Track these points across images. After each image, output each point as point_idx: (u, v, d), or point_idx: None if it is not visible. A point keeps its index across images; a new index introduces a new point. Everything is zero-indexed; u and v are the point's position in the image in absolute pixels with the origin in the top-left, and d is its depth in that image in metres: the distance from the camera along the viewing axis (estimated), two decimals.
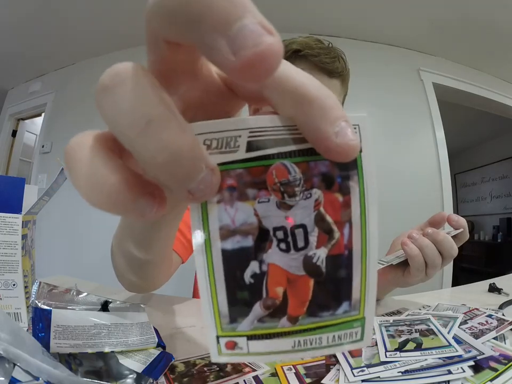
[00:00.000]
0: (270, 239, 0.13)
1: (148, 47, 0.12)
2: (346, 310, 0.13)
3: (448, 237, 0.41)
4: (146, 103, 0.10)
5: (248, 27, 0.09)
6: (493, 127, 3.55)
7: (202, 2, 0.09)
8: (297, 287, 0.13)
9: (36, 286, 0.26)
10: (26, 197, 0.33)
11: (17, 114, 2.81)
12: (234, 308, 0.13)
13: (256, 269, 0.13)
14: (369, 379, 0.24)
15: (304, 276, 0.13)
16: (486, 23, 1.89)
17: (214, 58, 0.10)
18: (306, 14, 1.95)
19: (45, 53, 2.37)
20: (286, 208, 0.13)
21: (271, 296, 0.13)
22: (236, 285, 0.13)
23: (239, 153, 0.12)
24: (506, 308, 0.44)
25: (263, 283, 0.13)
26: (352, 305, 0.13)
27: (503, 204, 3.99)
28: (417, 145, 2.09)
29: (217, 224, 0.12)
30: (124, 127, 0.10)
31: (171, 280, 0.49)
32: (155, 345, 0.29)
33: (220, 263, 0.13)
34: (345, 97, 0.63)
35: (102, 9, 1.93)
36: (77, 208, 2.17)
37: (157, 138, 0.10)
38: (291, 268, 0.13)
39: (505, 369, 0.24)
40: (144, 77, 0.11)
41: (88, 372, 0.23)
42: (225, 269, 0.13)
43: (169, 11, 0.10)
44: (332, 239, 0.13)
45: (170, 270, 0.50)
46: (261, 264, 0.13)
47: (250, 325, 0.13)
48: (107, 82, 0.11)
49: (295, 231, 0.13)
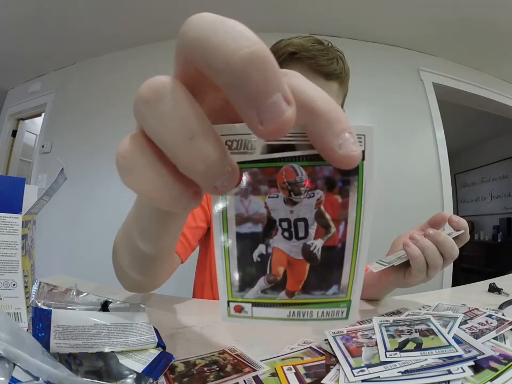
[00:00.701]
0: (276, 228, 0.15)
1: (177, 61, 0.13)
2: (335, 292, 0.16)
3: (449, 238, 0.41)
4: (188, 121, 0.12)
5: (276, 104, 0.11)
6: (493, 127, 3.55)
7: (238, 75, 0.10)
8: (295, 269, 0.16)
9: (35, 286, 0.26)
10: (26, 197, 0.33)
11: (17, 114, 2.80)
12: (243, 280, 0.16)
13: (263, 251, 0.16)
14: (369, 379, 0.24)
15: (302, 260, 0.16)
16: (486, 23, 1.89)
17: (243, 117, 0.12)
18: (306, 14, 1.95)
19: (45, 53, 2.36)
20: (291, 204, 0.15)
21: (274, 273, 0.16)
22: (245, 262, 0.16)
23: (255, 155, 0.14)
24: (506, 308, 0.44)
25: (268, 262, 0.16)
26: (341, 289, 0.16)
27: (503, 204, 3.99)
28: (417, 145, 2.09)
29: (233, 212, 0.15)
30: (168, 141, 0.12)
31: (171, 280, 0.49)
32: (155, 345, 0.29)
33: (234, 244, 0.16)
34: (345, 97, 0.62)
35: (102, 9, 1.93)
36: (77, 208, 2.17)
37: (198, 152, 0.12)
38: (292, 253, 0.16)
39: (505, 369, 0.24)
40: (183, 93, 0.12)
41: (88, 371, 0.23)
42: (238, 248, 0.16)
43: (210, 65, 0.11)
44: (328, 233, 0.15)
45: (172, 269, 0.50)
46: (267, 247, 0.16)
47: (255, 294, 0.16)
48: (148, 96, 0.12)
49: (297, 223, 0.15)
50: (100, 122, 2.25)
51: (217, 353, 0.30)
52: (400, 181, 1.98)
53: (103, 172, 2.13)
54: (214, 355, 0.30)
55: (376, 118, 2.06)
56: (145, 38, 2.21)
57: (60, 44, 2.26)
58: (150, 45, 2.25)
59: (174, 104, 0.12)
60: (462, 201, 4.72)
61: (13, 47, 2.26)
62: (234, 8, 1.92)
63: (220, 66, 0.11)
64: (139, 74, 2.26)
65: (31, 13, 1.93)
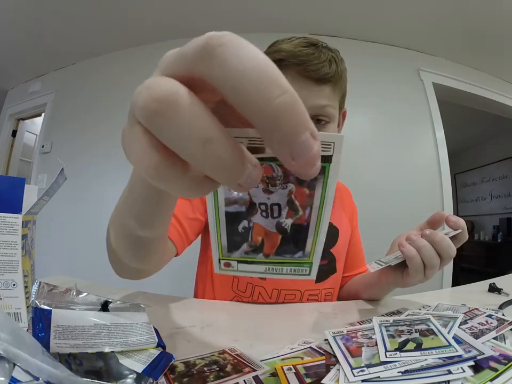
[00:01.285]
0: (256, 209, 0.20)
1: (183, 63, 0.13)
2: (300, 256, 0.22)
3: (445, 238, 0.41)
4: (202, 127, 0.12)
5: (306, 142, 0.12)
6: (493, 127, 3.55)
7: (272, 122, 0.12)
8: (270, 238, 0.22)
9: (35, 286, 0.26)
10: (26, 197, 0.33)
11: (17, 114, 2.81)
12: (231, 245, 0.22)
13: (246, 225, 0.21)
14: (369, 379, 0.24)
15: (276, 233, 0.21)
16: (486, 23, 1.89)
17: (275, 151, 0.13)
18: (306, 14, 1.95)
19: (45, 53, 2.37)
20: (268, 193, 0.20)
21: (254, 241, 0.22)
22: (232, 232, 0.21)
23: None
24: (506, 308, 0.44)
25: (249, 233, 0.21)
26: (305, 254, 0.22)
27: (503, 204, 3.99)
28: (417, 145, 2.09)
29: (223, 196, 0.20)
30: (183, 148, 0.12)
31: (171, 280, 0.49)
32: (155, 345, 0.29)
33: (224, 219, 0.21)
34: (343, 98, 0.61)
35: (102, 9, 1.93)
36: (77, 208, 2.17)
37: (215, 156, 0.12)
38: (268, 227, 0.21)
39: (505, 369, 0.24)
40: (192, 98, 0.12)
41: (88, 371, 0.23)
42: (227, 223, 0.21)
43: (243, 107, 0.12)
44: (297, 215, 0.20)
45: (166, 257, 0.49)
46: (249, 222, 0.21)
47: (240, 254, 0.22)
48: (155, 107, 0.12)
49: (273, 207, 0.20)
50: (100, 122, 2.25)
51: (217, 353, 0.30)
52: (400, 181, 1.98)
53: (103, 171, 2.13)
54: (214, 355, 0.30)
55: (376, 118, 2.06)
56: (146, 38, 2.21)
57: (59, 44, 2.26)
58: (150, 45, 2.25)
59: (185, 112, 0.12)
60: (462, 201, 4.72)
61: (13, 47, 2.26)
62: (234, 8, 1.92)
63: (253, 111, 0.12)
64: (139, 74, 2.27)
65: (31, 12, 1.93)
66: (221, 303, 0.54)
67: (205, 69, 0.12)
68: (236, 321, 0.45)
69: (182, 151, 0.12)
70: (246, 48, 0.12)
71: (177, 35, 2.03)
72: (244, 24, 2.05)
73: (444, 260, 0.41)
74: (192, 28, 1.93)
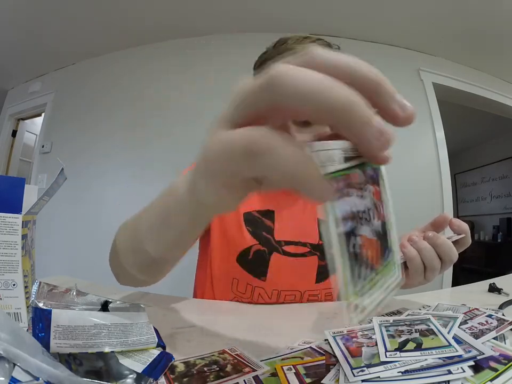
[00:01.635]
0: (357, 219, 0.17)
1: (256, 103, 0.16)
2: (387, 255, 0.20)
3: (447, 241, 0.41)
4: (300, 163, 0.14)
5: (378, 124, 0.16)
6: (493, 127, 3.55)
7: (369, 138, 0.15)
8: (373, 247, 0.18)
9: (35, 286, 0.26)
10: (26, 197, 0.33)
11: (17, 114, 2.80)
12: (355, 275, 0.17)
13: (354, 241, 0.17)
14: (369, 379, 0.24)
15: (374, 239, 0.19)
16: (486, 23, 1.89)
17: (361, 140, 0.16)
18: (306, 14, 1.95)
19: (45, 53, 2.37)
20: (362, 198, 0.18)
21: (370, 260, 0.18)
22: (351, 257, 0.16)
23: (342, 165, 0.16)
24: (506, 307, 0.44)
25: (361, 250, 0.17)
26: (390, 254, 0.21)
27: (503, 204, 3.99)
28: (417, 145, 2.09)
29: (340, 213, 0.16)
30: (286, 183, 0.15)
31: (171, 280, 0.49)
32: (155, 345, 0.29)
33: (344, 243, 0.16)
34: None
35: (102, 9, 1.93)
36: (77, 209, 2.17)
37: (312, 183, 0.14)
38: (369, 235, 0.18)
39: (505, 369, 0.24)
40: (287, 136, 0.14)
41: (88, 371, 0.23)
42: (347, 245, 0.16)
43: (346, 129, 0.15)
44: (379, 214, 0.20)
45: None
46: (356, 237, 0.17)
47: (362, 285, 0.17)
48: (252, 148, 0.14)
49: (369, 211, 0.18)
50: (100, 122, 2.25)
51: (217, 353, 0.30)
52: (400, 181, 1.98)
53: (103, 171, 2.13)
54: (214, 355, 0.30)
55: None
56: (146, 38, 2.21)
57: (59, 44, 2.26)
58: (150, 45, 2.25)
59: (281, 152, 0.14)
60: (462, 201, 4.72)
61: (13, 47, 2.26)
62: (234, 8, 1.92)
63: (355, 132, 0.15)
64: (139, 74, 2.27)
65: (31, 12, 1.93)
66: (220, 303, 0.54)
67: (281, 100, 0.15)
68: (236, 321, 0.45)
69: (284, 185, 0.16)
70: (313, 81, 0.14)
71: (177, 35, 2.03)
72: (244, 24, 2.05)
73: (445, 263, 0.42)
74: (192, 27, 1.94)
